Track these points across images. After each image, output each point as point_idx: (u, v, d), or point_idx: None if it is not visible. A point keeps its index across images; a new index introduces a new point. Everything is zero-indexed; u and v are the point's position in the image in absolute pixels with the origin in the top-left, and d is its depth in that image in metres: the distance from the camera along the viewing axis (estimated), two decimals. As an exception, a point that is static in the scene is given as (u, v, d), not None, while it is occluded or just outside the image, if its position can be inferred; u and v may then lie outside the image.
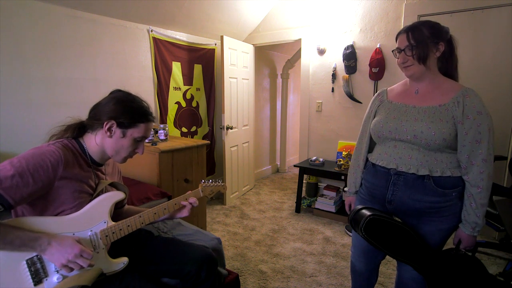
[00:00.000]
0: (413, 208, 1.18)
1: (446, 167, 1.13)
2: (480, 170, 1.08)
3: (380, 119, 1.25)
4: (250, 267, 2.19)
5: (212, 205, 3.38)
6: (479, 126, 1.07)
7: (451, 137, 1.10)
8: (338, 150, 3.24)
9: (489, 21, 2.44)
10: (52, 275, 0.97)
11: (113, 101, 1.10)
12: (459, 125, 1.09)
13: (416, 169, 1.14)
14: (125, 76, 2.76)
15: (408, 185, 1.16)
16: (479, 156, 1.08)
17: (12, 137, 2.09)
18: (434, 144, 1.11)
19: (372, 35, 2.96)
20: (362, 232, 1.12)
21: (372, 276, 1.47)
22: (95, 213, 1.07)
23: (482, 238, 2.54)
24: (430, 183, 1.13)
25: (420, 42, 1.12)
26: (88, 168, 1.11)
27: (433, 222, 1.18)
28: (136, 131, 1.11)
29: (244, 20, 3.54)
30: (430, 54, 1.13)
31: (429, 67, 1.15)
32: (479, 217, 1.10)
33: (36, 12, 2.14)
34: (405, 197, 1.18)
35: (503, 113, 2.46)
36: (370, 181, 1.31)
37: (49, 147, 1.01)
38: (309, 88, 3.43)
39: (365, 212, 1.14)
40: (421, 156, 1.15)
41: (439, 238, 1.20)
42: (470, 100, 1.08)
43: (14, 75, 2.08)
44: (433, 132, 1.10)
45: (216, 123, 3.82)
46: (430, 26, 1.14)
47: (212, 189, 1.38)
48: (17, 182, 0.91)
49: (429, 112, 1.14)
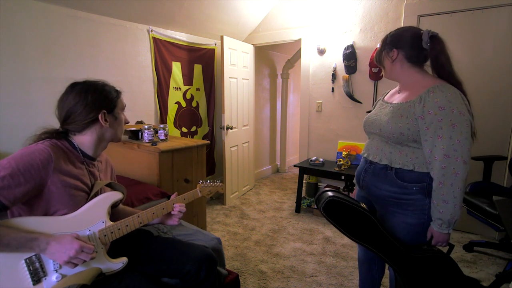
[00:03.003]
0: (376, 195, 1.28)
1: (411, 161, 1.17)
2: (442, 165, 1.08)
3: (368, 115, 1.38)
4: (250, 267, 2.19)
5: (212, 205, 3.38)
6: (440, 122, 1.08)
7: (410, 132, 1.14)
8: (338, 150, 3.24)
9: (489, 21, 2.44)
10: (51, 275, 0.97)
11: (84, 95, 1.07)
12: (420, 120, 1.12)
13: (379, 159, 1.25)
14: (125, 76, 2.76)
15: (375, 173, 1.28)
16: (440, 151, 1.09)
17: (12, 137, 2.09)
18: (393, 137, 1.19)
19: (372, 35, 2.96)
20: (322, 211, 1.19)
21: (371, 269, 1.50)
22: (93, 213, 1.07)
23: (482, 238, 2.53)
24: (392, 173, 1.21)
25: (381, 46, 1.27)
26: (80, 164, 1.11)
27: (398, 214, 1.23)
28: (118, 108, 1.18)
29: (244, 20, 3.54)
30: (386, 58, 1.25)
31: (392, 69, 1.25)
32: (442, 214, 1.10)
33: (36, 12, 2.14)
34: (370, 184, 1.30)
35: (503, 113, 2.45)
36: (359, 170, 1.43)
37: (38, 146, 1.00)
38: (309, 88, 3.43)
39: (328, 193, 1.21)
40: (386, 147, 1.24)
41: (407, 232, 1.22)
42: (434, 96, 1.10)
43: (14, 75, 2.08)
44: (391, 126, 1.18)
45: (216, 123, 3.83)
46: (392, 34, 1.25)
47: (210, 189, 1.38)
48: (9, 182, 0.91)
49: (395, 108, 1.21)
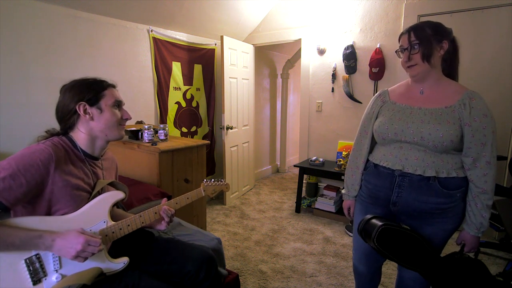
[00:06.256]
0: (418, 210, 1.17)
1: (452, 168, 1.13)
2: (484, 173, 1.09)
3: (384, 121, 1.22)
4: (250, 267, 2.19)
5: (212, 205, 3.38)
6: (485, 129, 1.07)
7: (458, 139, 1.09)
8: (338, 150, 3.24)
9: (489, 21, 2.44)
10: (51, 275, 0.97)
11: (68, 91, 1.09)
12: (465, 127, 1.09)
13: (423, 171, 1.13)
14: (125, 76, 2.76)
15: (414, 186, 1.15)
16: (483, 158, 1.09)
17: (12, 137, 2.09)
18: (441, 146, 1.10)
19: (372, 35, 2.96)
20: (375, 243, 1.08)
21: (374, 278, 1.46)
22: (95, 212, 1.07)
23: (482, 238, 2.53)
24: (436, 184, 1.12)
25: (424, 40, 1.11)
26: (82, 164, 1.10)
27: (437, 223, 1.17)
28: (106, 99, 1.11)
29: (244, 20, 3.54)
30: (434, 52, 1.12)
31: (433, 66, 1.14)
32: (485, 218, 1.11)
33: (36, 12, 2.14)
34: (411, 199, 1.16)
35: (503, 113, 2.45)
36: (372, 182, 1.28)
37: (39, 146, 1.00)
38: (309, 88, 3.43)
39: (375, 221, 1.10)
40: (427, 157, 1.14)
41: (442, 239, 1.20)
42: (477, 103, 1.08)
43: (14, 75, 2.08)
44: (441, 134, 1.09)
45: (216, 123, 3.82)
46: (433, 26, 1.14)
47: (214, 188, 1.36)
48: (10, 183, 0.91)
49: (436, 114, 1.12)
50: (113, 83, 1.17)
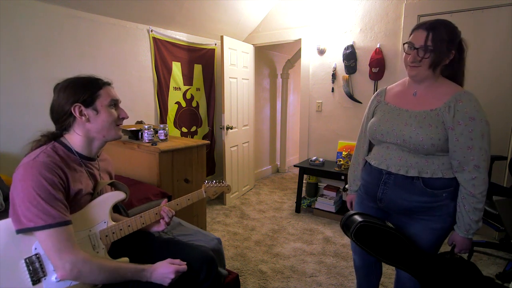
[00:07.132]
0: (402, 207, 1.19)
1: (438, 168, 1.13)
2: (472, 176, 1.07)
3: (374, 121, 1.26)
4: (250, 267, 2.19)
5: (212, 205, 3.37)
6: (471, 132, 1.05)
7: (441, 142, 1.09)
8: (338, 150, 3.24)
9: (489, 21, 2.44)
10: (50, 274, 0.96)
11: (62, 91, 1.06)
12: (449, 130, 1.08)
13: (406, 171, 1.15)
14: (125, 76, 2.76)
15: (398, 184, 1.18)
16: (471, 162, 1.07)
17: (12, 137, 2.09)
18: (422, 149, 1.11)
19: (372, 35, 2.96)
20: (353, 238, 1.12)
21: (370, 273, 1.48)
22: (95, 213, 1.07)
23: (482, 238, 2.53)
24: (419, 183, 1.14)
25: (438, 48, 1.06)
26: (79, 167, 1.08)
27: (424, 220, 1.18)
28: (102, 99, 1.07)
29: (244, 20, 3.54)
30: (442, 62, 1.09)
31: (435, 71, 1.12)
32: (473, 220, 1.10)
33: (36, 12, 2.14)
34: (394, 196, 1.20)
35: (503, 113, 2.45)
36: (365, 179, 1.34)
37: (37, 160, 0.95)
38: (309, 88, 3.43)
39: (356, 217, 1.14)
40: (410, 158, 1.15)
41: (432, 237, 1.19)
42: (463, 105, 1.06)
43: (14, 75, 2.08)
44: (421, 137, 1.09)
45: (216, 123, 3.82)
46: (449, 29, 1.08)
47: (215, 189, 1.36)
48: (54, 204, 0.93)
49: (420, 116, 1.13)
50: (108, 80, 1.13)
